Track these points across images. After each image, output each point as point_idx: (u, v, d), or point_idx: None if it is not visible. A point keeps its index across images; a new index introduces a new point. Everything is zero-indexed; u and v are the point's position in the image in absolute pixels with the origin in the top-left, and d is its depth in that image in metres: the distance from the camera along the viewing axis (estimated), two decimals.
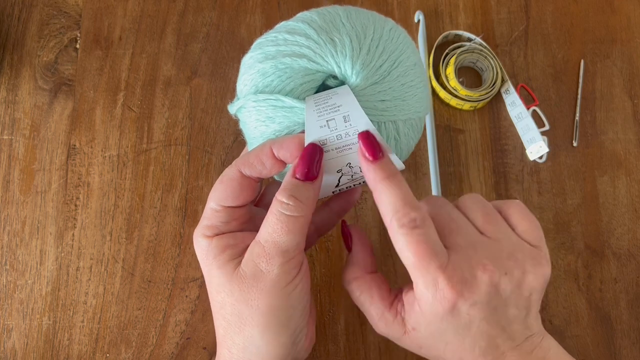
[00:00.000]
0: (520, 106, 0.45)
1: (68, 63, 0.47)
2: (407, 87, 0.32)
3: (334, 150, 0.31)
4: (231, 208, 0.32)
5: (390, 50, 0.32)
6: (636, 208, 0.45)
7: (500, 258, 0.31)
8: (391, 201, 0.30)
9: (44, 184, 0.45)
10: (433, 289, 0.29)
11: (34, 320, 0.42)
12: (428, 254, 0.29)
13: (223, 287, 0.31)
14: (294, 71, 0.32)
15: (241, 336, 0.31)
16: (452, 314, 0.30)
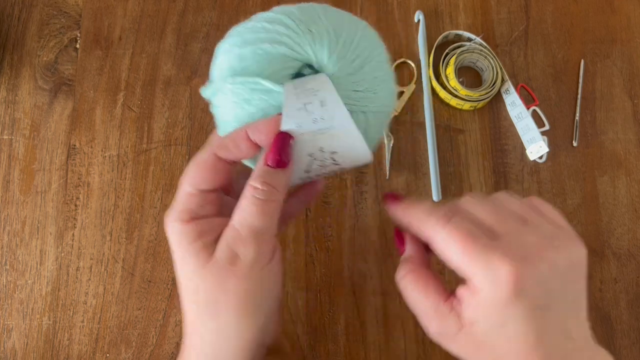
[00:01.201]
0: (520, 106, 0.45)
1: (68, 63, 0.47)
2: (378, 80, 0.34)
3: (309, 133, 0.32)
4: (206, 192, 0.32)
5: (364, 46, 0.34)
6: (636, 208, 0.45)
7: (549, 239, 0.30)
8: (420, 217, 0.31)
9: (44, 184, 0.45)
10: (490, 271, 0.29)
11: (34, 320, 0.42)
12: (472, 236, 0.29)
13: (197, 273, 0.31)
14: (272, 57, 0.33)
15: (215, 321, 0.31)
16: (517, 297, 0.28)
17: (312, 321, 0.42)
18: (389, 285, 0.43)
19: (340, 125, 0.32)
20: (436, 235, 0.30)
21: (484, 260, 0.29)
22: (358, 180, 0.45)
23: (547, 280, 0.29)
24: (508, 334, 0.30)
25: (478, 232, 0.30)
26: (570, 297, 0.31)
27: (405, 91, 0.47)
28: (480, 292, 0.29)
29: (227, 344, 0.32)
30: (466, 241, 0.29)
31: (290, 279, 0.43)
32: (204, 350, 0.32)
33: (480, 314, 0.30)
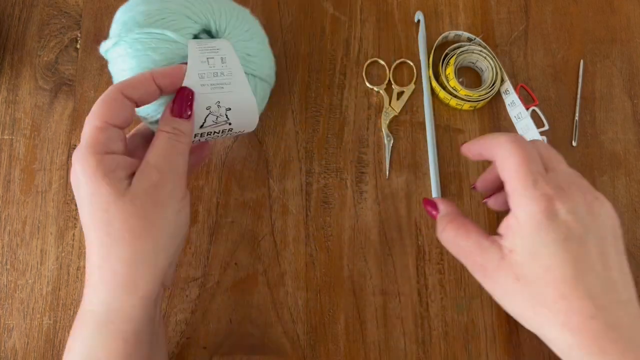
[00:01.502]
0: (520, 106, 0.46)
1: (68, 63, 0.47)
2: (263, 53, 0.41)
3: (209, 85, 0.36)
4: (114, 127, 0.33)
5: (250, 25, 0.41)
6: (635, 208, 0.45)
7: (591, 191, 0.32)
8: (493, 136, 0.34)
9: (44, 184, 0.45)
10: (532, 189, 0.31)
11: (34, 319, 0.42)
12: (529, 160, 0.32)
13: (113, 203, 0.32)
14: (176, 16, 0.37)
15: (131, 250, 0.32)
16: (550, 217, 0.30)
17: (312, 321, 0.42)
18: (389, 285, 0.43)
19: (237, 81, 0.38)
20: (501, 148, 0.33)
21: (532, 180, 0.31)
22: (358, 180, 0.45)
23: (582, 215, 0.31)
24: (544, 263, 0.30)
25: (536, 160, 0.32)
26: (609, 248, 0.31)
27: (405, 91, 0.47)
28: (518, 214, 0.31)
29: (142, 272, 0.33)
30: (522, 160, 0.32)
31: (290, 278, 0.43)
32: (117, 281, 0.32)
33: (518, 239, 0.31)
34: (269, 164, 0.45)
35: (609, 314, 0.29)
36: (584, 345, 0.29)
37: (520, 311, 0.32)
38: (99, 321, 0.33)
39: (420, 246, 0.44)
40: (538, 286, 0.31)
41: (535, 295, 0.31)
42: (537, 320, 0.31)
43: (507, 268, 0.32)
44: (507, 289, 0.32)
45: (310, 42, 0.48)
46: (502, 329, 0.42)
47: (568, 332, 0.30)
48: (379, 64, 0.48)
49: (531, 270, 0.31)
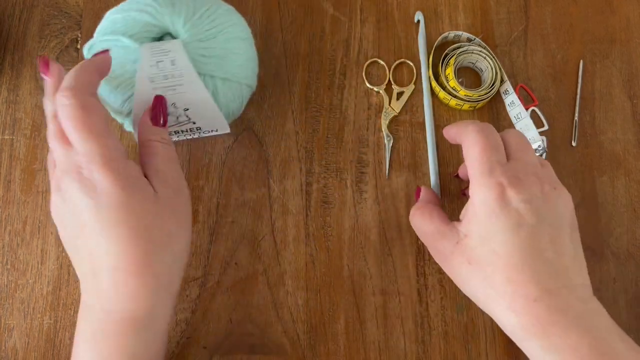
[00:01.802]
0: (519, 106, 0.46)
1: (69, 63, 0.47)
2: (229, 52, 0.40)
3: (161, 88, 0.38)
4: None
5: (220, 21, 0.40)
6: (635, 208, 0.45)
7: (549, 180, 0.34)
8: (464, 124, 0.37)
9: (45, 184, 0.45)
10: (487, 177, 0.32)
11: (35, 319, 0.42)
12: (490, 150, 0.34)
13: (149, 211, 0.32)
14: (136, 22, 0.39)
15: (170, 253, 0.33)
16: (502, 205, 0.32)
17: (312, 321, 0.42)
18: (389, 285, 0.43)
19: (189, 82, 0.38)
20: (467, 136, 0.35)
21: (487, 169, 0.33)
22: (358, 180, 0.45)
23: (536, 204, 0.32)
24: (493, 248, 0.32)
25: (497, 149, 0.34)
26: (564, 237, 0.32)
27: (405, 91, 0.47)
28: (474, 200, 0.33)
29: (176, 271, 0.34)
30: (483, 149, 0.34)
31: (290, 278, 0.43)
32: (160, 284, 0.33)
33: (473, 225, 0.33)
34: (269, 164, 0.45)
35: (554, 298, 0.31)
36: (527, 327, 0.31)
37: (474, 293, 0.34)
38: (141, 325, 0.33)
39: (420, 246, 0.44)
40: (488, 269, 0.32)
41: (486, 278, 0.33)
42: (487, 302, 0.33)
43: (461, 252, 0.34)
44: (461, 272, 0.34)
45: (310, 42, 0.48)
46: (501, 329, 0.42)
47: (513, 314, 0.31)
48: (379, 64, 0.48)
49: (482, 254, 0.33)
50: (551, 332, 0.30)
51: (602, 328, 0.31)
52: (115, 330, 0.32)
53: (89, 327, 0.33)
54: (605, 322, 0.32)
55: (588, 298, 0.33)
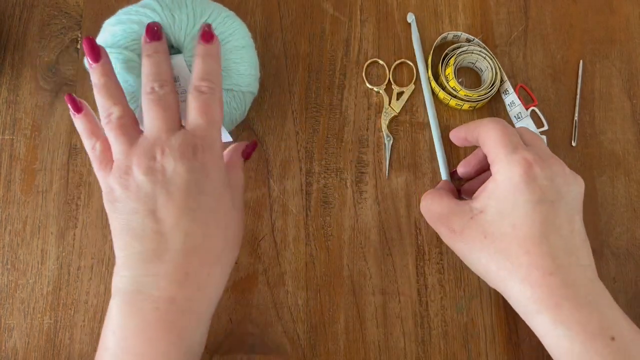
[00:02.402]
0: (519, 106, 0.46)
1: (69, 63, 0.48)
2: (231, 62, 0.40)
3: None
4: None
5: (221, 30, 0.40)
6: (635, 208, 0.45)
7: (564, 166, 0.36)
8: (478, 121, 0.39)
9: (45, 184, 0.45)
10: (513, 154, 0.34)
11: (35, 319, 0.42)
12: (509, 134, 0.35)
13: (231, 208, 0.36)
14: (137, 35, 0.39)
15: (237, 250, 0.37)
16: (529, 179, 0.33)
17: (312, 320, 0.42)
18: (389, 285, 0.43)
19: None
20: (484, 126, 0.36)
21: (511, 147, 0.34)
22: (358, 180, 0.45)
23: (558, 183, 0.34)
24: (514, 221, 0.33)
25: (515, 134, 0.36)
26: (577, 221, 0.34)
27: (404, 91, 0.47)
28: (497, 177, 0.34)
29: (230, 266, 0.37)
30: (503, 132, 0.35)
31: (290, 278, 0.43)
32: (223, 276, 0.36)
33: (491, 200, 0.34)
34: (269, 164, 0.45)
35: (567, 273, 0.32)
36: (541, 299, 0.32)
37: (485, 267, 0.35)
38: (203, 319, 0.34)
39: (420, 246, 0.44)
40: (504, 242, 0.33)
41: (501, 251, 0.33)
42: (500, 275, 0.34)
43: (475, 227, 0.35)
44: (474, 246, 0.35)
45: (310, 42, 0.48)
46: (501, 329, 0.42)
47: (528, 286, 0.32)
48: (379, 64, 0.48)
49: (499, 227, 0.33)
50: (563, 306, 0.31)
51: (608, 307, 0.33)
52: (175, 321, 0.32)
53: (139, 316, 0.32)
54: (610, 302, 0.33)
55: (595, 279, 0.34)
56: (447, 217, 0.37)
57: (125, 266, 0.33)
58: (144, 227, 0.33)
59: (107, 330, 0.33)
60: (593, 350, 0.31)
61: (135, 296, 0.32)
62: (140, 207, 0.33)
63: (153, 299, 0.32)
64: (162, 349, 0.31)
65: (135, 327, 0.32)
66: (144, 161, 0.34)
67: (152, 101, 0.35)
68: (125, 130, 0.35)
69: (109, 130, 0.35)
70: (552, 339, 0.32)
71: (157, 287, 0.32)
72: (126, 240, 0.33)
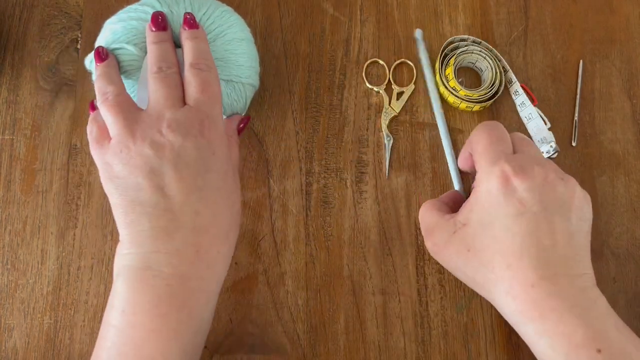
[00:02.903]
0: (530, 106, 0.46)
1: (69, 63, 0.48)
2: (229, 53, 0.40)
3: None
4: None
5: (218, 23, 0.40)
6: (635, 208, 0.45)
7: (554, 171, 0.34)
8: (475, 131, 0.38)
9: (45, 184, 0.45)
10: (492, 166, 0.33)
11: (35, 319, 0.42)
12: (496, 143, 0.35)
13: (234, 186, 0.36)
14: (138, 31, 0.39)
15: (237, 227, 0.37)
16: (507, 192, 0.33)
17: (312, 320, 0.42)
18: (389, 285, 0.43)
19: None
20: (476, 132, 0.36)
21: (492, 158, 0.34)
22: (358, 180, 0.45)
23: (541, 192, 0.33)
24: (495, 234, 0.33)
25: (503, 141, 0.35)
26: (567, 225, 0.33)
27: (404, 91, 0.47)
28: (478, 189, 0.34)
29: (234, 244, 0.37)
30: (489, 141, 0.35)
31: (290, 278, 0.43)
32: (229, 254, 0.36)
33: (474, 213, 0.34)
34: (269, 164, 0.45)
35: (551, 284, 0.31)
36: (524, 311, 0.32)
37: (472, 279, 0.35)
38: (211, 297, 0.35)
39: (419, 246, 0.44)
40: (487, 254, 0.33)
41: (485, 264, 0.33)
42: (486, 287, 0.34)
43: (458, 241, 0.34)
44: (458, 260, 0.35)
45: (310, 42, 0.48)
46: (501, 329, 0.42)
47: (510, 299, 0.32)
48: (379, 64, 0.48)
49: (481, 240, 0.33)
50: (547, 317, 0.31)
51: (599, 317, 0.32)
52: (186, 298, 0.32)
53: (150, 293, 0.31)
54: (603, 311, 0.32)
55: (588, 287, 0.33)
56: (432, 231, 0.37)
57: (133, 243, 0.32)
58: (154, 204, 0.32)
59: (113, 308, 0.32)
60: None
61: (146, 273, 0.32)
62: (146, 183, 0.32)
63: (164, 276, 0.31)
64: (173, 325, 0.31)
65: (147, 303, 0.31)
66: (149, 135, 0.33)
67: (158, 79, 0.35)
68: (124, 107, 0.34)
69: (106, 110, 0.34)
70: (538, 348, 0.32)
71: (168, 264, 0.31)
72: (132, 217, 0.32)
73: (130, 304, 0.31)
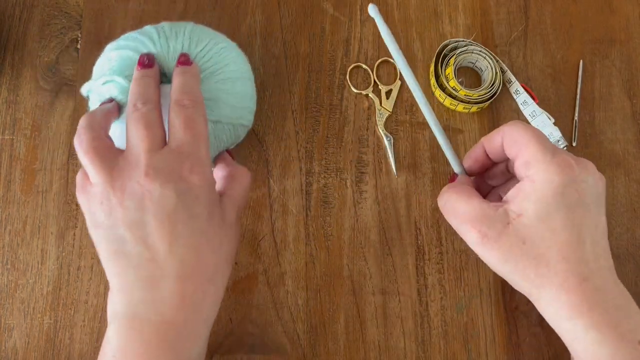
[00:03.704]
0: (532, 104, 0.46)
1: (69, 63, 0.48)
2: (222, 92, 0.39)
3: None
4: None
5: (215, 61, 0.40)
6: (635, 208, 0.45)
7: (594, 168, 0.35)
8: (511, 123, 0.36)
9: (45, 184, 0.45)
10: (552, 156, 0.33)
11: (35, 319, 0.42)
12: (547, 139, 0.34)
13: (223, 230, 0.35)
14: (132, 62, 0.39)
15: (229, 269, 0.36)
16: (569, 183, 0.32)
17: (312, 320, 0.42)
18: (389, 285, 0.43)
19: None
20: (512, 128, 0.35)
21: (550, 150, 0.33)
22: (358, 180, 0.45)
23: (592, 185, 0.33)
24: (553, 225, 0.32)
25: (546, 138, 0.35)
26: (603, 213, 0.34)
27: (392, 89, 0.47)
28: (536, 179, 0.33)
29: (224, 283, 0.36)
30: (539, 134, 0.34)
31: (290, 278, 0.43)
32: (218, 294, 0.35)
33: (530, 203, 0.33)
34: (269, 164, 0.45)
35: (597, 278, 0.32)
36: (575, 305, 0.32)
37: (521, 274, 0.33)
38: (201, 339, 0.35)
39: (420, 246, 0.44)
40: (543, 248, 0.32)
41: (539, 256, 0.32)
42: (537, 282, 0.33)
43: (514, 232, 0.33)
44: (511, 252, 0.33)
45: (310, 42, 0.48)
46: (501, 329, 0.42)
47: (563, 292, 0.32)
48: (362, 67, 0.48)
49: (538, 232, 0.32)
50: (595, 310, 0.32)
51: (634, 310, 0.33)
52: (174, 342, 0.32)
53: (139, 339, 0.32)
54: (633, 304, 0.34)
55: (617, 281, 0.34)
56: (479, 220, 0.34)
57: (121, 292, 0.33)
58: (138, 255, 0.32)
59: (105, 355, 0.33)
60: (621, 354, 0.31)
61: (134, 321, 0.32)
62: (128, 234, 0.32)
63: (152, 323, 0.32)
64: None
65: (136, 350, 0.32)
66: (127, 186, 0.32)
67: (133, 119, 0.34)
68: (99, 152, 0.33)
69: (82, 155, 0.34)
70: (581, 343, 0.32)
71: (155, 312, 0.32)
72: (119, 268, 0.33)
73: (120, 350, 0.32)
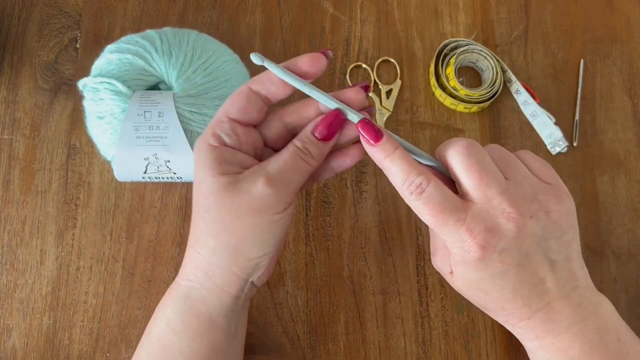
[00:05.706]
0: (533, 104, 0.46)
1: (68, 63, 0.47)
2: (218, 108, 0.37)
3: (144, 137, 0.38)
4: (236, 122, 0.33)
5: (217, 75, 0.40)
6: (636, 208, 0.45)
7: (524, 202, 0.31)
8: (397, 174, 0.32)
9: (44, 184, 0.45)
10: (459, 243, 0.31)
11: (34, 319, 0.42)
12: (442, 211, 0.31)
13: (215, 194, 0.32)
14: (132, 67, 0.39)
15: (216, 240, 0.33)
16: (484, 262, 0.31)
17: (312, 321, 0.42)
18: (389, 285, 0.43)
19: (173, 136, 0.38)
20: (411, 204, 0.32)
21: (453, 233, 0.31)
22: (358, 180, 0.45)
23: (517, 247, 0.31)
24: (485, 289, 0.33)
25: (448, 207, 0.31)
26: (549, 255, 0.32)
27: (392, 88, 0.47)
28: (453, 256, 0.33)
29: (220, 263, 0.33)
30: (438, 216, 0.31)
31: (290, 278, 0.43)
32: (199, 263, 0.34)
33: (458, 271, 0.33)
34: None
35: (546, 313, 0.32)
36: (522, 334, 0.34)
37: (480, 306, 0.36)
38: (179, 295, 0.35)
39: (420, 246, 0.44)
40: (479, 301, 0.34)
41: (479, 305, 0.35)
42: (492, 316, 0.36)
43: (453, 283, 0.35)
44: (459, 289, 0.35)
45: (310, 42, 0.48)
46: (502, 329, 0.42)
47: (510, 326, 0.34)
48: (362, 67, 0.48)
49: (471, 293, 0.34)
50: (544, 338, 0.33)
51: (597, 330, 0.32)
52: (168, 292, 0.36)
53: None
54: (602, 321, 0.33)
55: (585, 299, 0.33)
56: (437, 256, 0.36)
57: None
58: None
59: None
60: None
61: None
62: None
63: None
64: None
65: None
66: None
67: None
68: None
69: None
70: (536, 357, 0.34)
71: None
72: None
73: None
